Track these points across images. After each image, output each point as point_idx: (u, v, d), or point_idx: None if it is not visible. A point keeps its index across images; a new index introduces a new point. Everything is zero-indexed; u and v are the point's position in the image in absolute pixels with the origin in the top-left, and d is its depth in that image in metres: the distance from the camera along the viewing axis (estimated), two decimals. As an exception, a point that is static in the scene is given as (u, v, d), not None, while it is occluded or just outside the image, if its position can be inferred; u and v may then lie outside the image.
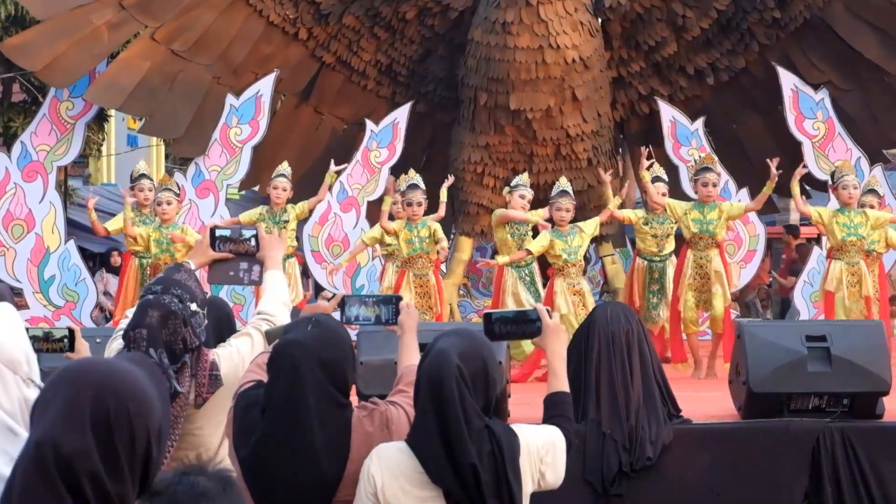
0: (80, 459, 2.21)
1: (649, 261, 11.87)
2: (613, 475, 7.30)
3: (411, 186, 11.83)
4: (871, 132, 13.79)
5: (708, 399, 8.98)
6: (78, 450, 2.21)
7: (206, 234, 4.94)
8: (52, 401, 2.27)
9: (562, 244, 11.26)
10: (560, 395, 4.15)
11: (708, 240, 11.19)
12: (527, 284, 11.59)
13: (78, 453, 2.21)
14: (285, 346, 4.03)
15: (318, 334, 4.02)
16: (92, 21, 13.07)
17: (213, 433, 4.61)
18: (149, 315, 4.49)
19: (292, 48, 14.06)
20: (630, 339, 7.36)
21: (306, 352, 3.96)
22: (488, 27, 12.98)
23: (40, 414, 2.28)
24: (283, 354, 4.01)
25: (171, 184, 12.23)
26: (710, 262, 11.23)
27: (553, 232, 11.37)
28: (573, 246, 11.30)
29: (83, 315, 13.23)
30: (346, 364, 4.04)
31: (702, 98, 14.17)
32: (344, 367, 4.02)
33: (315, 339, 4.00)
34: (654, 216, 11.86)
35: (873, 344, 7.74)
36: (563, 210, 11.40)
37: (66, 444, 2.21)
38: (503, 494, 3.77)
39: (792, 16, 13.68)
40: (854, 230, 11.25)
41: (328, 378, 3.96)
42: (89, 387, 2.27)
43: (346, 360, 4.05)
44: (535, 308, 4.19)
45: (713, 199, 11.27)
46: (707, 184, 11.28)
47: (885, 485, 7.51)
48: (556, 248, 11.26)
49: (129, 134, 27.46)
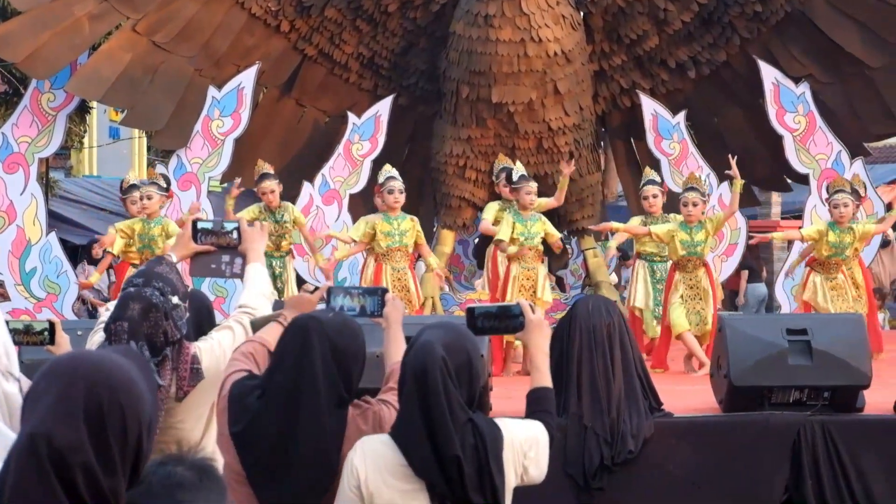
0: (73, 452, 2.21)
1: (650, 261, 11.79)
2: (595, 468, 7.32)
3: (390, 178, 11.85)
4: (852, 126, 13.83)
5: (689, 392, 9.01)
6: (71, 442, 2.21)
7: (189, 227, 4.94)
8: (44, 394, 2.27)
9: (521, 227, 11.26)
10: (543, 391, 4.16)
11: (696, 261, 11.14)
12: None
13: (71, 446, 2.21)
14: (304, 317, 4.06)
15: (337, 320, 4.05)
16: (73, 12, 13.03)
17: (194, 426, 4.60)
18: (130, 308, 4.48)
19: (274, 40, 14.03)
20: (611, 333, 7.37)
21: (321, 328, 3.97)
22: (470, 20, 12.97)
23: (32, 407, 2.27)
24: (298, 323, 4.03)
25: (156, 178, 12.20)
26: (699, 283, 11.18)
27: (515, 215, 11.37)
28: (532, 231, 11.30)
29: (65, 307, 13.21)
30: (356, 359, 4.03)
31: (683, 91, 14.18)
32: (352, 361, 4.01)
33: (332, 322, 4.02)
34: (652, 219, 11.87)
35: (854, 337, 7.77)
36: (532, 193, 11.43)
37: (59, 437, 2.21)
38: (486, 488, 3.78)
39: (773, 9, 13.71)
40: (841, 251, 11.30)
41: (336, 366, 3.96)
42: (81, 379, 2.26)
43: (357, 355, 4.03)
44: (518, 303, 4.20)
45: (696, 219, 11.12)
46: (687, 203, 11.16)
47: (865, 478, 7.54)
48: (515, 231, 11.26)
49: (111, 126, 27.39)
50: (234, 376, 4.14)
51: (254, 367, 4.20)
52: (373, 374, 4.42)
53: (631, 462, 7.35)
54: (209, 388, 4.55)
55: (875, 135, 14.57)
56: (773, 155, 13.86)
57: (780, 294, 13.42)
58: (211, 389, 4.56)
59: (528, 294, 11.04)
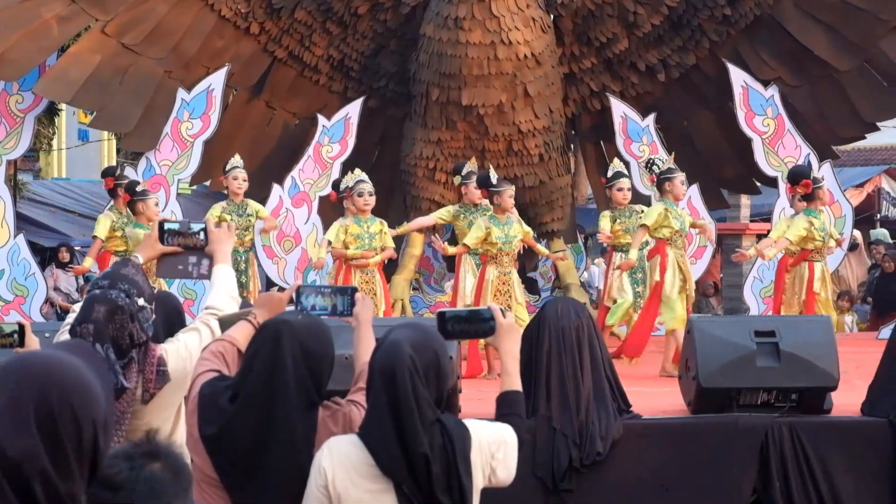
0: (28, 462, 2.15)
1: (626, 252, 11.65)
2: (563, 470, 7.32)
3: (360, 181, 11.85)
4: (821, 129, 13.89)
5: (658, 394, 9.02)
6: (25, 452, 2.15)
7: (155, 228, 4.92)
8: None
9: (499, 231, 11.24)
10: (512, 394, 4.16)
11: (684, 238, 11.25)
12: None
13: (26, 455, 2.15)
14: (274, 322, 4.06)
15: (307, 322, 4.05)
16: (41, 14, 12.98)
17: (161, 428, 4.59)
18: (95, 310, 4.46)
19: (244, 42, 14.01)
20: (580, 335, 7.38)
21: (292, 331, 3.97)
22: (440, 22, 12.98)
23: None
24: (269, 328, 4.03)
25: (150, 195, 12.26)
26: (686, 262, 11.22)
27: (492, 220, 11.36)
28: (509, 235, 11.30)
29: (33, 310, 13.15)
30: (325, 361, 4.04)
31: (653, 94, 14.23)
32: (322, 362, 4.03)
33: (302, 326, 4.02)
34: (620, 211, 11.93)
35: (821, 339, 7.80)
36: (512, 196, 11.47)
37: (12, 447, 2.14)
38: (453, 488, 3.77)
39: (742, 13, 13.76)
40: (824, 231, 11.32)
41: (307, 368, 3.97)
42: (29, 385, 2.19)
43: (326, 357, 4.05)
44: (489, 307, 4.20)
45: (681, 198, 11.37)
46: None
47: (833, 479, 7.57)
48: (492, 235, 11.25)
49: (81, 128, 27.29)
50: (204, 376, 4.13)
51: (223, 366, 4.19)
52: (344, 376, 4.42)
53: (600, 464, 7.36)
54: (175, 389, 4.53)
55: (843, 138, 14.63)
56: (742, 157, 13.91)
57: (748, 297, 13.45)
58: (177, 391, 4.54)
59: (503, 298, 11.04)
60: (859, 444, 7.67)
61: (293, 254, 13.25)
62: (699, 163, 14.24)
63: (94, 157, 27.85)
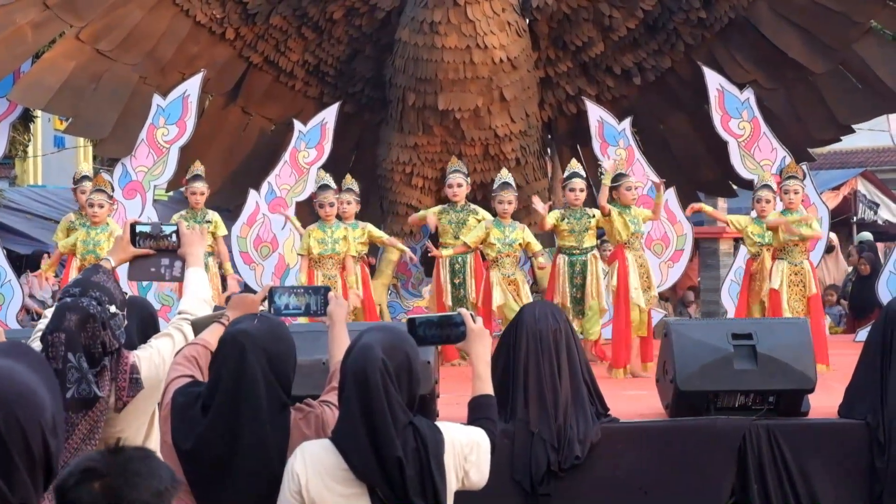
0: None
1: (569, 255, 11.63)
2: (542, 474, 7.30)
3: (322, 187, 11.84)
4: (796, 131, 13.92)
5: (635, 398, 9.02)
6: None
7: (127, 231, 4.90)
8: None
9: (499, 233, 11.38)
10: (484, 398, 4.16)
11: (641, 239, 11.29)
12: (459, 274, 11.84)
13: None
14: (233, 334, 4.03)
15: (264, 328, 4.03)
16: (15, 20, 12.93)
17: (134, 436, 4.56)
18: (67, 318, 4.43)
19: (219, 48, 13.99)
20: (558, 338, 7.36)
21: (254, 342, 3.96)
22: (416, 27, 12.97)
23: None
24: (230, 342, 4.01)
25: (104, 185, 12.16)
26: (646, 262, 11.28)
27: (494, 222, 11.52)
28: (510, 238, 11.42)
29: (9, 317, 13.10)
30: (290, 362, 4.04)
31: (629, 98, 14.25)
32: (287, 364, 4.03)
33: (262, 332, 4.01)
34: (571, 212, 11.79)
35: (798, 341, 7.80)
36: (504, 203, 11.57)
37: None
38: (427, 491, 3.77)
39: (717, 16, 13.78)
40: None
41: (273, 373, 3.96)
42: None
43: (290, 357, 4.05)
44: (460, 312, 4.19)
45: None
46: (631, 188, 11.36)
47: (810, 481, 7.57)
48: (491, 236, 11.38)
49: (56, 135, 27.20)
50: (177, 382, 4.11)
51: (196, 371, 4.17)
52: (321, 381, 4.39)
53: (578, 468, 7.34)
54: (149, 396, 4.51)
55: (819, 140, 14.65)
56: (719, 160, 13.92)
57: (724, 299, 13.47)
58: (150, 398, 4.52)
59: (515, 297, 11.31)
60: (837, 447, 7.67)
61: (270, 259, 13.22)
62: (675, 166, 14.27)
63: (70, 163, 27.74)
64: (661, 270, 13.27)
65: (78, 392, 4.41)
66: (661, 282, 13.40)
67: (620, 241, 11.07)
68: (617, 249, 11.12)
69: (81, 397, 4.42)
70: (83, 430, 4.41)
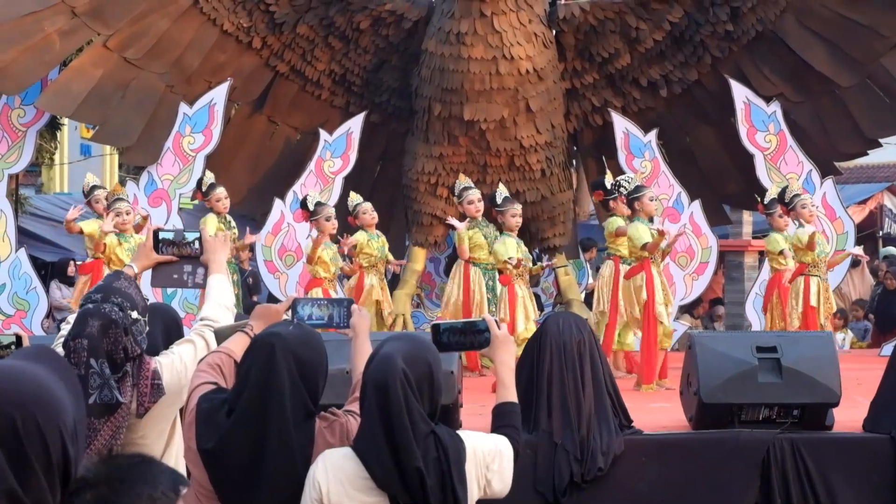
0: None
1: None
2: (564, 485, 7.29)
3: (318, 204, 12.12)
4: (822, 144, 13.88)
5: (659, 410, 9.00)
6: None
7: (150, 237, 4.91)
8: None
9: (523, 248, 11.55)
10: (508, 406, 4.14)
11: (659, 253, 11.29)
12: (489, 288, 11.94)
13: None
14: (265, 336, 4.03)
15: (297, 333, 4.03)
16: (44, 28, 12.99)
17: (155, 441, 4.57)
18: (89, 325, 4.44)
19: (246, 57, 14.01)
20: (581, 350, 7.35)
21: (285, 345, 3.95)
22: (442, 38, 12.98)
23: None
24: (261, 343, 4.01)
25: (123, 194, 12.26)
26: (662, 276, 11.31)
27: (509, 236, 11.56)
28: (524, 250, 11.62)
29: (34, 324, 13.14)
30: (319, 370, 4.02)
31: (655, 110, 14.21)
32: (317, 372, 4.01)
33: (294, 337, 3.99)
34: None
35: (823, 355, 7.77)
36: (518, 216, 11.69)
37: None
38: (448, 500, 3.76)
39: (744, 29, 13.75)
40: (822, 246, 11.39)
41: (302, 379, 3.95)
42: None
43: (320, 365, 4.03)
44: (484, 318, 4.18)
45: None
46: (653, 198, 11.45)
47: (834, 496, 7.53)
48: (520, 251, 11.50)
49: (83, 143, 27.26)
50: (201, 389, 4.11)
51: (220, 378, 4.17)
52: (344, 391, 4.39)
53: (601, 479, 7.32)
54: (170, 402, 4.51)
55: (845, 154, 14.61)
56: (744, 173, 13.88)
57: (750, 313, 13.42)
58: (172, 404, 4.52)
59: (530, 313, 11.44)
60: (861, 461, 7.64)
61: (295, 268, 13.23)
62: (701, 178, 14.24)
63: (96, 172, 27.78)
64: (685, 283, 13.24)
65: (100, 398, 4.42)
66: (686, 294, 13.36)
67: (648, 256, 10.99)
68: (644, 263, 11.02)
69: (104, 403, 4.43)
70: (105, 435, 4.41)
